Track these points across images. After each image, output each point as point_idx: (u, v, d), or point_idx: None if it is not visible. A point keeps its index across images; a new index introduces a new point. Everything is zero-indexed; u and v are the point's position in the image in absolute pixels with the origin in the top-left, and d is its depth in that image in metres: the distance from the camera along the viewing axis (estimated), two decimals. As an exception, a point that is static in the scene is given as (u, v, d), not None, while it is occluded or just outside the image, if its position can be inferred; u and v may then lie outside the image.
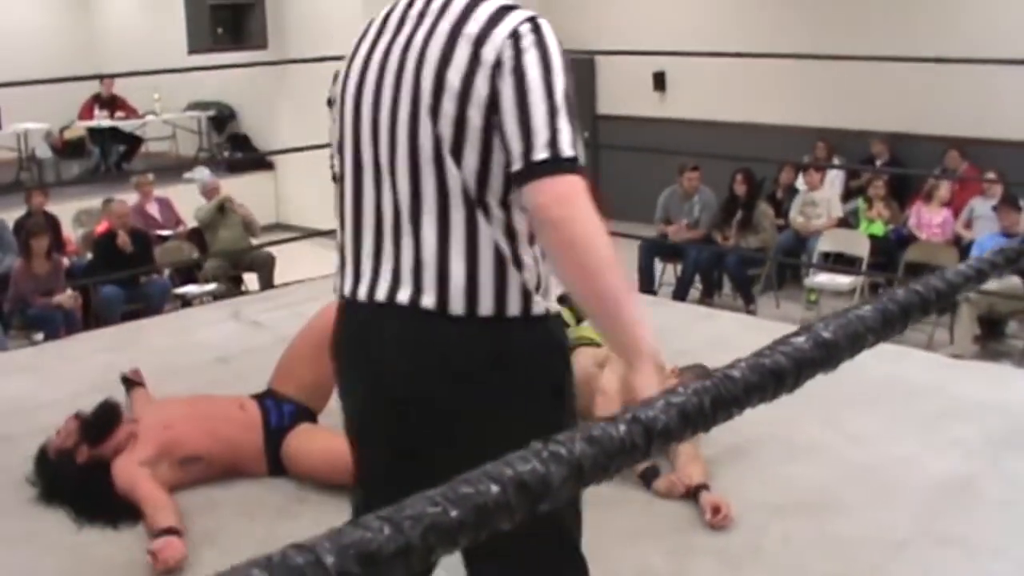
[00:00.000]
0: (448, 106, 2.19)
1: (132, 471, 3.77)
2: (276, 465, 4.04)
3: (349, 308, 2.40)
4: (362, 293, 2.34)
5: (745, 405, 0.97)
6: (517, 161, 2.14)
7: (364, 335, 2.36)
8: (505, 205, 2.24)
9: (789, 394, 1.05)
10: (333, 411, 3.60)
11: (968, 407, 4.55)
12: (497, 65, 2.17)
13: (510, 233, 2.25)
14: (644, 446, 0.90)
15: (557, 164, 2.12)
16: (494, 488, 0.81)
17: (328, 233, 7.88)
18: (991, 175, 10.31)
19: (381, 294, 2.30)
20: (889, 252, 10.69)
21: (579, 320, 4.49)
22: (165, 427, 3.94)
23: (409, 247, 2.26)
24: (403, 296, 2.27)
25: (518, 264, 2.25)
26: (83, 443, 3.87)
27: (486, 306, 2.23)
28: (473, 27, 2.20)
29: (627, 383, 2.20)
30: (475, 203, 2.23)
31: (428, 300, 2.24)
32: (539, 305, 2.28)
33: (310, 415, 4.16)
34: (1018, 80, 9.79)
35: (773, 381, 0.99)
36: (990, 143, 10.99)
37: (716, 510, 3.65)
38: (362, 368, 2.38)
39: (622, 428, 0.89)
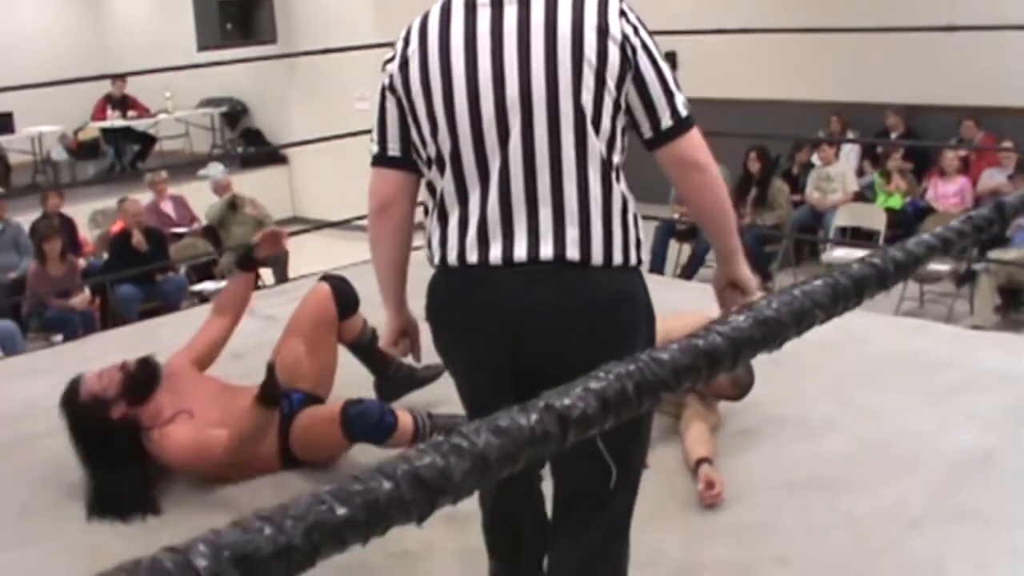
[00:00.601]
0: (588, 79, 2.45)
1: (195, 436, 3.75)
2: (287, 455, 4.02)
3: (475, 272, 2.54)
4: (495, 257, 2.50)
5: (674, 388, 0.93)
6: (666, 119, 2.53)
7: (505, 294, 2.51)
8: (621, 167, 2.57)
9: (727, 373, 1.02)
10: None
11: (987, 379, 4.51)
12: (625, 39, 2.47)
13: (628, 191, 2.57)
14: (559, 435, 0.87)
15: (692, 119, 2.57)
16: (386, 484, 0.78)
17: (340, 224, 7.84)
18: (1007, 144, 10.24)
19: (520, 255, 2.48)
20: (906, 225, 10.62)
21: None
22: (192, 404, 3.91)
23: (547, 210, 2.47)
24: (546, 253, 2.47)
25: (635, 220, 2.57)
26: (122, 398, 3.78)
27: (617, 257, 2.52)
28: (590, 11, 2.47)
29: (737, 279, 2.77)
30: (608, 166, 2.52)
31: (572, 253, 2.48)
32: (641, 256, 2.60)
33: (318, 400, 4.16)
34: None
35: (706, 362, 0.95)
36: (1007, 111, 10.91)
37: (710, 485, 3.63)
38: (501, 326, 2.52)
39: (533, 417, 0.86)
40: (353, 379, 4.45)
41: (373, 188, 2.73)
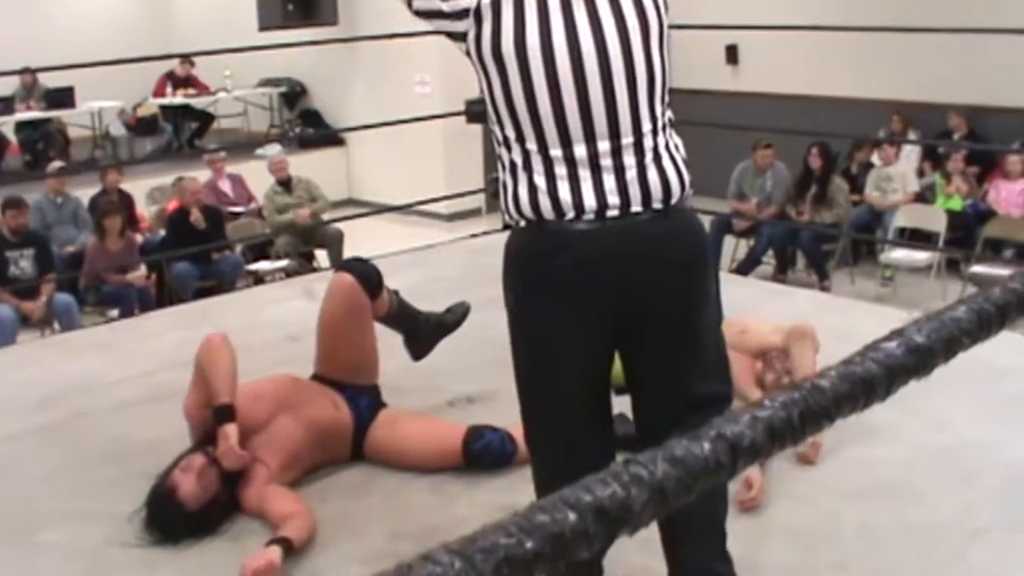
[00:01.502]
0: (654, 34, 2.60)
1: (263, 493, 3.68)
2: (357, 454, 4.04)
3: (572, 227, 2.60)
4: (589, 209, 2.58)
5: (835, 417, 0.92)
6: None
7: (606, 244, 2.59)
8: None
9: (881, 403, 1.00)
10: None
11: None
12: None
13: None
14: (730, 464, 0.86)
15: None
16: (571, 516, 0.77)
17: (398, 209, 7.87)
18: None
19: (614, 205, 2.58)
20: (967, 227, 10.51)
21: None
22: (273, 443, 3.84)
23: (632, 160, 2.59)
24: (635, 202, 2.60)
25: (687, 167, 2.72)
26: (223, 489, 3.67)
27: (687, 200, 2.72)
28: None
29: None
30: (667, 119, 2.68)
31: (658, 197, 2.62)
32: None
33: (381, 401, 4.16)
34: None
35: (864, 391, 0.94)
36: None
37: (748, 485, 3.59)
38: (604, 276, 2.61)
39: (706, 446, 0.84)
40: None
41: None
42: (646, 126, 2.61)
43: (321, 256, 11.32)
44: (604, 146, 2.57)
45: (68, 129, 15.25)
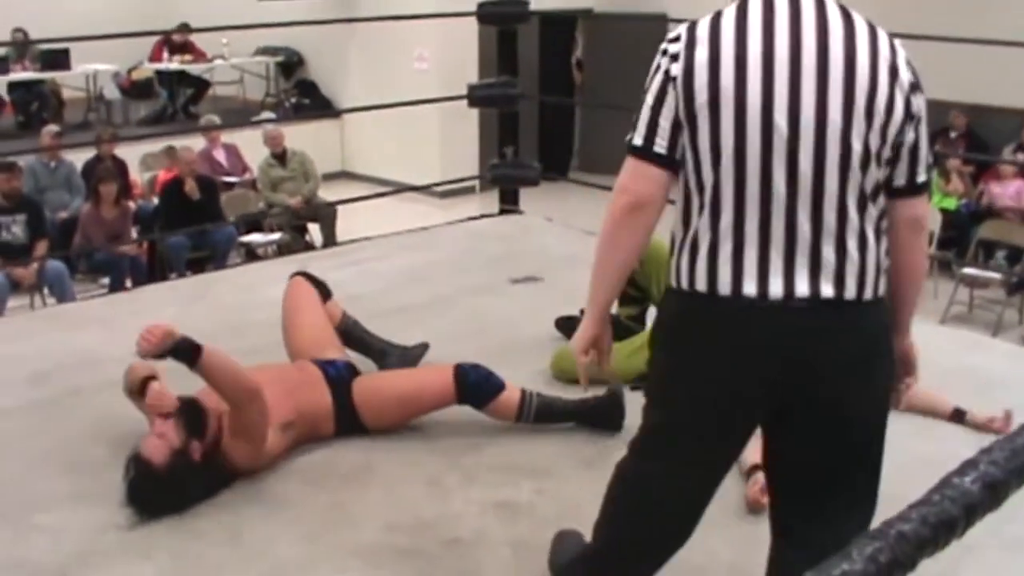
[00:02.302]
0: (877, 119, 2.41)
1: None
2: (343, 420, 4.04)
3: (749, 304, 2.45)
4: (775, 291, 2.43)
5: (918, 561, 0.92)
6: (922, 174, 2.54)
7: (784, 329, 2.46)
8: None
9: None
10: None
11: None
12: (912, 88, 2.47)
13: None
14: None
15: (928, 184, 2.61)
16: None
17: (392, 193, 7.80)
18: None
19: (803, 291, 2.43)
20: (961, 227, 10.52)
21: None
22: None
23: (830, 247, 2.43)
24: (827, 291, 2.44)
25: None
26: (192, 439, 3.63)
27: (877, 292, 2.51)
28: (883, 48, 2.45)
29: (908, 350, 2.75)
30: (877, 206, 2.49)
31: (850, 292, 2.45)
32: None
33: (355, 369, 4.26)
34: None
35: (945, 533, 0.93)
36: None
37: (764, 491, 3.58)
38: (773, 362, 2.47)
39: None
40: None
41: (628, 183, 2.55)
42: (852, 214, 2.44)
43: (314, 230, 11.29)
44: (805, 228, 2.42)
45: (62, 91, 15.17)
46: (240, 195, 11.23)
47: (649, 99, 2.53)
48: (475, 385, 4.03)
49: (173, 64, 15.23)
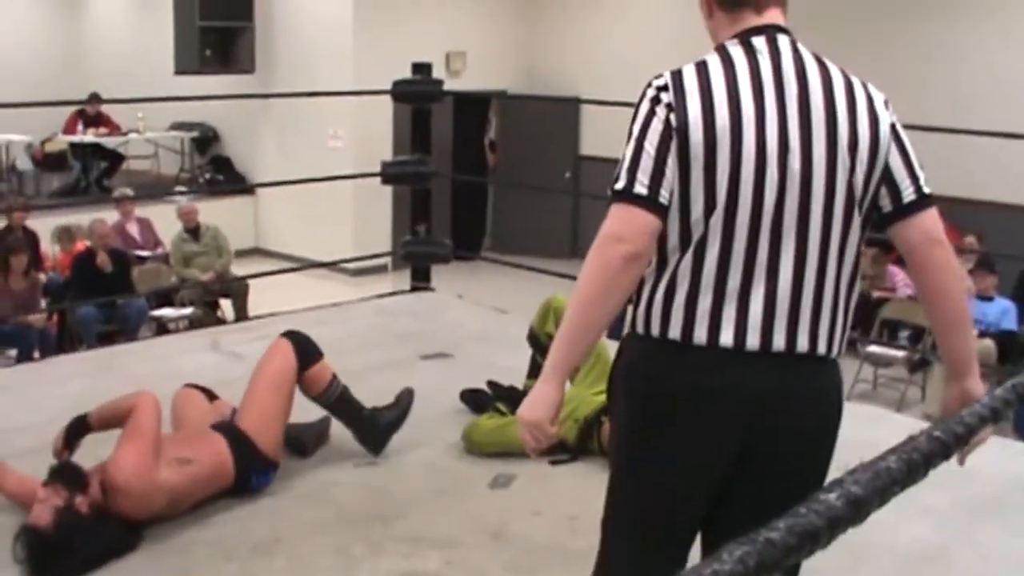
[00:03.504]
0: (860, 168, 2.44)
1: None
2: (239, 453, 4.08)
3: (726, 355, 2.43)
4: (752, 343, 2.42)
5: (783, 565, 1.00)
6: (909, 194, 2.52)
7: (760, 381, 2.44)
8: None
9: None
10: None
11: (939, 474, 4.52)
12: (892, 128, 2.51)
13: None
14: None
15: (932, 199, 2.56)
16: None
17: (305, 268, 7.86)
18: (971, 238, 10.40)
19: (779, 344, 2.43)
20: (865, 308, 10.75)
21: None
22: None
23: (808, 301, 2.44)
24: (802, 344, 2.44)
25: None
26: (74, 495, 3.64)
27: (838, 350, 2.52)
28: (860, 95, 2.49)
29: (966, 392, 2.65)
30: (857, 258, 2.52)
31: (822, 347, 2.47)
32: None
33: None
34: (995, 144, 9.86)
35: (809, 542, 1.02)
36: (971, 203, 11.08)
37: None
38: (746, 414, 2.44)
39: None
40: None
41: (626, 232, 2.39)
42: (832, 261, 2.45)
43: (226, 305, 11.28)
44: (787, 278, 2.42)
45: (-28, 160, 15.10)
46: (152, 269, 11.21)
47: (649, 147, 2.42)
48: (305, 340, 4.34)
49: (87, 137, 15.20)
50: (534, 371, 4.73)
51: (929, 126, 7.13)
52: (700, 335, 2.42)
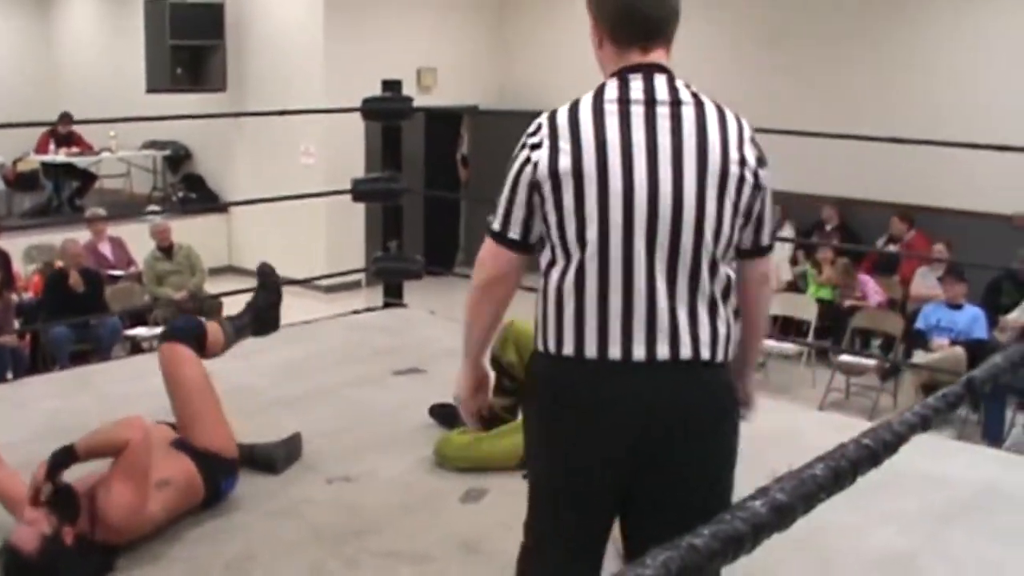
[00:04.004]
0: (728, 197, 2.63)
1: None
2: (205, 469, 4.11)
3: (615, 367, 2.61)
4: (639, 354, 2.60)
5: (706, 571, 1.03)
6: (766, 238, 2.80)
7: (648, 390, 2.61)
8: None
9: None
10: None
11: (908, 480, 4.58)
12: (758, 162, 2.68)
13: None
14: None
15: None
16: None
17: (282, 280, 7.86)
18: (940, 245, 10.47)
19: (663, 353, 2.60)
20: (837, 316, 10.82)
21: None
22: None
23: (684, 312, 2.62)
24: (685, 353, 2.61)
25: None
26: (63, 524, 3.63)
27: (723, 354, 2.69)
28: (732, 127, 2.67)
29: (748, 392, 3.04)
30: (729, 276, 2.71)
31: (705, 353, 2.64)
32: None
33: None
34: (965, 155, 9.94)
35: (733, 547, 1.05)
36: (940, 211, 11.16)
37: None
38: (637, 422, 2.60)
39: None
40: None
41: (486, 261, 2.82)
42: (705, 282, 2.63)
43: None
44: (663, 295, 2.60)
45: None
46: (125, 288, 11.19)
47: (507, 188, 2.75)
48: (183, 328, 4.42)
49: (59, 156, 15.16)
50: (499, 390, 4.75)
51: (899, 138, 7.22)
52: (591, 350, 2.62)
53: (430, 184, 14.79)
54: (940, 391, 1.51)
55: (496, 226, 2.78)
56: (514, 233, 2.75)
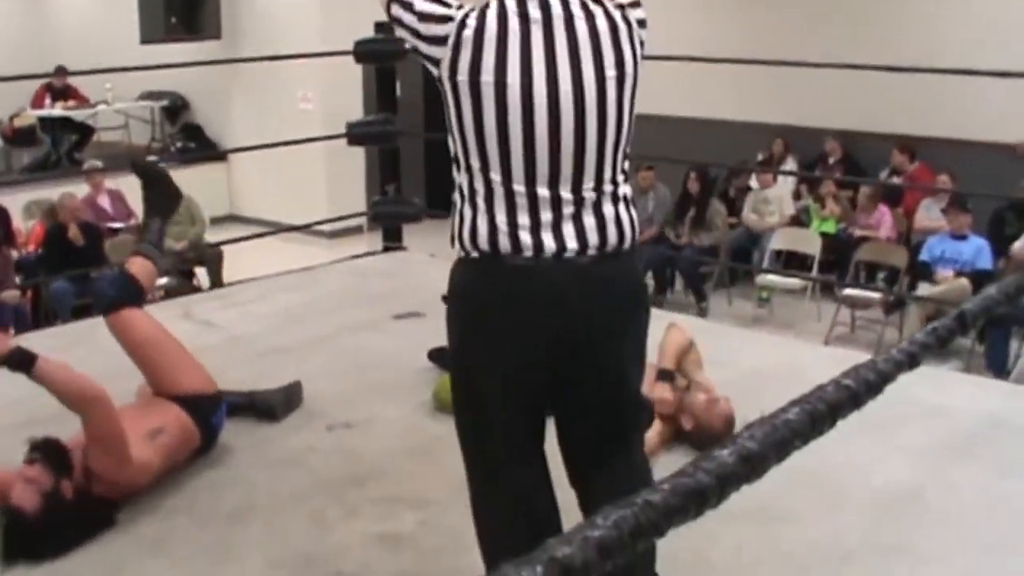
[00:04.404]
0: (627, 82, 2.71)
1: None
2: (194, 413, 4.09)
3: (528, 261, 2.67)
4: (549, 247, 2.66)
5: (666, 530, 0.97)
6: None
7: (560, 280, 2.68)
8: None
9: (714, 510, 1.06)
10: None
11: (914, 413, 4.55)
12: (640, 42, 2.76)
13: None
14: None
15: None
16: None
17: (279, 231, 7.82)
18: (944, 176, 10.37)
19: (572, 245, 2.67)
20: (841, 250, 10.75)
21: None
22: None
23: (591, 202, 2.69)
24: (593, 241, 2.68)
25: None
26: (60, 479, 3.61)
27: (634, 242, 2.79)
28: (616, 14, 2.71)
29: None
30: (626, 158, 2.77)
31: (613, 242, 2.72)
32: None
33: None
34: (966, 83, 9.84)
35: (696, 502, 0.99)
36: (943, 142, 11.06)
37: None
38: (555, 312, 2.68)
39: (538, 569, 0.85)
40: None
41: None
42: (608, 174, 2.70)
43: (201, 273, 11.22)
44: (568, 189, 2.66)
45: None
46: (125, 241, 11.11)
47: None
48: (121, 293, 4.27)
49: (56, 110, 15.06)
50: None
51: (901, 66, 7.14)
52: (504, 247, 2.67)
53: (430, 126, 14.70)
54: (930, 325, 1.44)
55: None
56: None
